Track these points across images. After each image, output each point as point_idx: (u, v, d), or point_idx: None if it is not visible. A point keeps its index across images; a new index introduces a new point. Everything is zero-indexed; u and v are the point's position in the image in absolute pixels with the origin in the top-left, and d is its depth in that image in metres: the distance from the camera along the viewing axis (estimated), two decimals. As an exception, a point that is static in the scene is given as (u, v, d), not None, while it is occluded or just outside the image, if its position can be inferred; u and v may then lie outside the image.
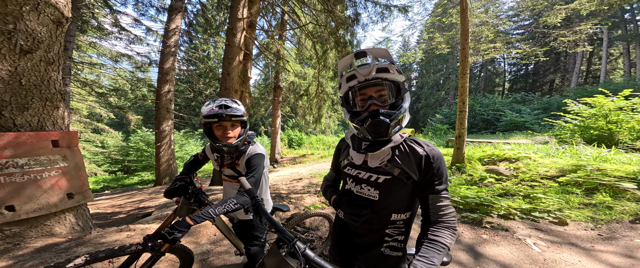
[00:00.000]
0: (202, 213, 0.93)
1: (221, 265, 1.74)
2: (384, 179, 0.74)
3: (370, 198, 0.77)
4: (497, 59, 25.08)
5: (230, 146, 1.12)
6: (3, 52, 1.81)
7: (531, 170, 3.37)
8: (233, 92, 4.19)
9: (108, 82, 11.73)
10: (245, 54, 4.54)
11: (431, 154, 0.71)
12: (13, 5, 1.80)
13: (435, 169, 0.70)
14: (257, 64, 10.18)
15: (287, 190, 4.09)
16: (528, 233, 2.15)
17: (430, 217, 0.71)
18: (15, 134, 1.88)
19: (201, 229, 2.21)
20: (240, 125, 1.18)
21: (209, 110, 1.08)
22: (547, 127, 9.83)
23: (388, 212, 0.77)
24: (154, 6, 8.56)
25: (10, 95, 1.87)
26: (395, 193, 0.75)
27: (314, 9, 5.61)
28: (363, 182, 0.78)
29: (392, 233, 0.78)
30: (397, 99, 0.72)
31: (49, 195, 2.04)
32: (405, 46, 31.89)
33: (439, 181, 0.71)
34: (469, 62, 4.36)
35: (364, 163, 0.78)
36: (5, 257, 1.66)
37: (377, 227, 0.79)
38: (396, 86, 0.73)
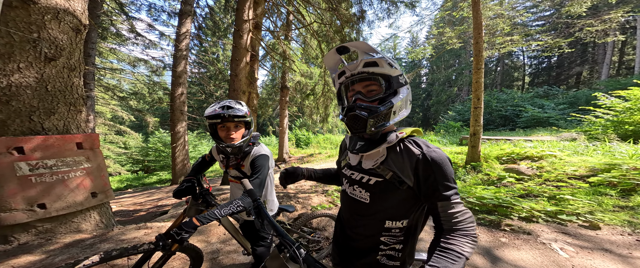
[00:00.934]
0: (209, 214, 0.95)
1: (230, 264, 1.77)
2: (375, 181, 0.69)
3: (362, 201, 0.74)
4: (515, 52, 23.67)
5: (233, 147, 1.12)
6: (30, 60, 1.94)
7: (557, 169, 3.13)
8: (241, 93, 4.26)
9: (128, 86, 12.40)
10: (252, 55, 4.60)
11: (430, 156, 0.63)
12: (36, 14, 1.93)
13: (436, 174, 0.62)
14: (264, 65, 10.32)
15: (295, 189, 4.10)
16: (553, 237, 1.99)
17: (443, 225, 0.64)
18: (43, 137, 2.02)
19: (211, 228, 2.27)
20: (244, 126, 1.19)
21: (212, 111, 1.09)
22: (575, 123, 9.15)
23: (381, 218, 0.71)
24: (166, 11, 8.90)
25: (38, 101, 2.01)
26: (387, 198, 0.70)
27: (318, 7, 5.57)
28: (355, 183, 0.75)
29: (387, 242, 0.72)
30: (386, 93, 0.67)
31: (75, 194, 2.18)
32: (414, 42, 30.98)
33: (445, 186, 0.63)
34: (484, 56, 4.13)
35: (359, 164, 0.75)
36: (39, 252, 1.79)
37: (371, 233, 0.74)
38: (386, 80, 0.67)
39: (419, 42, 30.42)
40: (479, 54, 4.06)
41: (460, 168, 4.15)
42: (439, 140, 10.75)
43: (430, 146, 0.66)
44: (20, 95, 1.93)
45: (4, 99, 1.87)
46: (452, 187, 0.63)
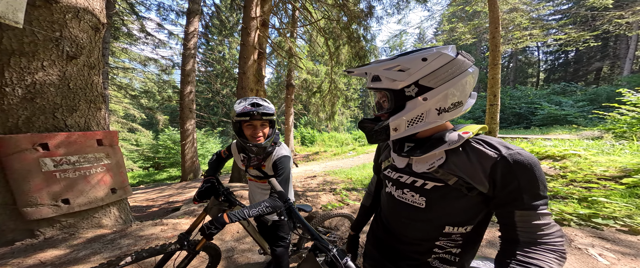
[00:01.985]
0: (238, 213, 0.94)
1: (245, 263, 1.77)
2: (433, 186, 0.62)
3: (415, 205, 0.67)
4: (530, 48, 22.74)
5: (259, 146, 1.11)
6: (53, 58, 1.98)
7: (583, 169, 2.97)
8: (249, 90, 4.26)
9: (139, 85, 12.72)
10: (260, 53, 4.59)
11: (512, 159, 0.52)
12: (58, 13, 1.96)
13: (521, 179, 0.52)
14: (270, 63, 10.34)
15: (302, 187, 4.09)
16: (590, 242, 1.85)
17: (519, 237, 0.55)
18: (67, 134, 2.07)
19: (226, 227, 2.28)
20: (269, 125, 1.17)
21: (243, 108, 1.07)
22: (596, 121, 8.73)
23: (440, 224, 0.65)
24: (174, 10, 9.04)
25: (61, 98, 2.05)
26: (449, 204, 0.62)
27: (325, 3, 5.49)
28: (405, 187, 0.68)
29: (444, 245, 0.67)
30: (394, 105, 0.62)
31: (96, 190, 2.23)
32: (421, 39, 30.30)
33: (532, 194, 0.52)
34: (500, 51, 3.97)
35: (408, 166, 0.68)
36: (64, 246, 1.85)
37: (426, 237, 0.68)
38: (392, 94, 0.61)
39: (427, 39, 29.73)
40: (496, 49, 3.90)
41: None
42: (450, 138, 10.48)
43: (510, 147, 0.56)
44: (44, 92, 1.98)
45: (29, 96, 1.92)
46: (542, 195, 0.53)
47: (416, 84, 0.58)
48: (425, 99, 0.58)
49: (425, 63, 0.56)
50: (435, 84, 0.57)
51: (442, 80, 0.57)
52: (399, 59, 0.58)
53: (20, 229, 1.92)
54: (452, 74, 0.57)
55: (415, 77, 0.57)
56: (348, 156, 9.47)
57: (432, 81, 0.57)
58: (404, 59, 0.58)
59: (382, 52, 27.79)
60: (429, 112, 0.59)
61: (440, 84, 0.57)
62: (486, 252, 1.88)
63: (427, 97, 0.58)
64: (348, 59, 6.07)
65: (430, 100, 0.58)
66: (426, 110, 0.59)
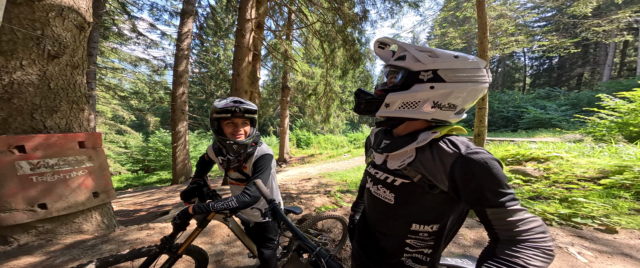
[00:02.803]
0: (203, 205, 0.96)
1: (234, 266, 1.74)
2: (401, 183, 0.65)
3: (386, 201, 0.70)
4: (517, 53, 23.67)
5: (240, 144, 1.08)
6: (33, 57, 1.91)
7: (565, 171, 3.09)
8: (243, 92, 4.23)
9: (129, 86, 12.39)
10: (254, 55, 4.58)
11: (469, 158, 0.54)
12: (40, 11, 1.90)
13: (480, 178, 0.53)
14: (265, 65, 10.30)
15: (297, 190, 4.07)
16: (570, 241, 1.93)
17: (498, 234, 0.55)
18: (45, 136, 1.99)
19: (216, 230, 2.23)
20: (250, 123, 1.16)
21: (224, 105, 1.05)
22: (578, 124, 9.12)
23: (407, 221, 0.68)
24: (168, 10, 8.91)
25: (40, 99, 1.98)
26: (414, 201, 0.64)
27: (321, 7, 5.56)
28: (379, 183, 0.71)
29: (414, 245, 0.69)
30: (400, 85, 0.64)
31: (77, 194, 2.14)
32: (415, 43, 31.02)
33: (493, 192, 0.53)
34: (489, 56, 4.11)
35: (384, 163, 0.71)
36: (39, 252, 1.76)
37: (396, 234, 0.70)
38: (406, 73, 0.63)
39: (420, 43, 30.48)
40: (484, 54, 4.03)
41: (464, 169, 4.10)
42: (441, 141, 10.70)
43: (470, 146, 0.57)
44: (23, 93, 1.90)
45: (6, 96, 1.84)
46: (505, 192, 0.53)
47: (434, 71, 0.59)
48: (432, 87, 0.60)
49: (455, 59, 0.59)
50: (449, 79, 0.59)
51: (457, 79, 0.59)
52: (436, 49, 0.62)
53: (-7, 236, 1.82)
54: (468, 77, 0.59)
55: (437, 65, 0.59)
56: (343, 158, 9.49)
57: (449, 75, 0.59)
58: (439, 51, 0.61)
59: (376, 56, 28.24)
60: (426, 102, 0.61)
61: (454, 81, 0.59)
62: (475, 253, 1.91)
63: (434, 86, 0.59)
64: (343, 61, 6.14)
65: (435, 91, 0.59)
66: (425, 99, 0.61)
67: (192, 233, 1.06)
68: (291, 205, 3.18)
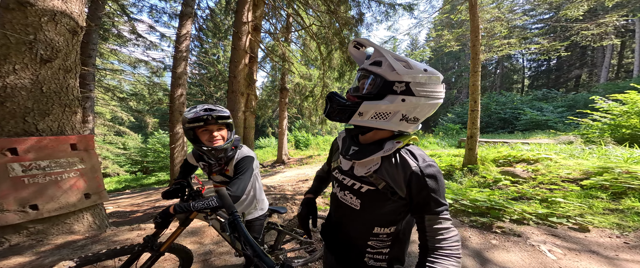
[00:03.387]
0: (185, 205, 0.98)
1: (222, 265, 1.77)
2: (367, 189, 0.69)
3: (352, 206, 0.74)
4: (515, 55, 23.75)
5: (219, 149, 1.09)
6: (25, 61, 1.95)
7: (552, 172, 3.14)
8: (239, 94, 4.27)
9: (128, 87, 12.44)
10: (251, 57, 4.62)
11: (425, 171, 0.61)
12: (33, 16, 1.95)
13: (430, 188, 0.61)
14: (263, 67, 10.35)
15: (293, 191, 4.10)
16: (543, 239, 2.01)
17: (428, 243, 0.62)
18: (37, 138, 2.03)
19: (205, 230, 2.26)
20: (226, 127, 1.17)
21: (194, 114, 1.05)
22: (573, 126, 9.17)
23: (370, 224, 0.72)
24: (167, 12, 8.97)
25: (32, 102, 2.02)
26: (378, 206, 0.69)
27: (317, 10, 5.62)
28: (346, 189, 0.75)
29: (375, 245, 0.74)
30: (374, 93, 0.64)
31: (68, 195, 2.18)
32: (414, 44, 31.15)
33: (436, 201, 0.61)
34: (481, 59, 4.16)
35: (351, 169, 0.74)
36: (30, 253, 1.79)
37: (359, 236, 0.75)
38: (380, 81, 0.63)
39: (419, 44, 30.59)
40: (476, 57, 4.09)
41: (457, 170, 4.15)
42: (438, 142, 10.77)
43: (426, 159, 0.64)
44: (15, 96, 1.94)
45: (-1, 100, 1.88)
46: (443, 203, 0.62)
47: (407, 84, 0.62)
48: (403, 100, 0.62)
49: (425, 73, 0.62)
50: (417, 93, 0.62)
51: (424, 94, 0.63)
52: (409, 58, 0.64)
53: (-16, 237, 1.85)
54: (432, 93, 0.64)
55: (410, 77, 0.62)
56: (340, 160, 9.47)
57: (418, 89, 0.62)
58: (412, 61, 0.64)
59: None
60: (396, 114, 0.64)
61: (421, 95, 0.63)
62: None
63: (405, 99, 0.62)
64: (340, 63, 6.21)
65: (405, 103, 0.63)
66: (396, 111, 0.64)
67: (174, 232, 1.10)
68: (284, 205, 3.21)
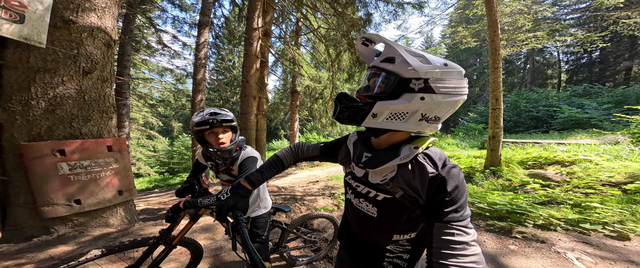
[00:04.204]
0: (192, 201, 1.06)
1: (230, 260, 1.86)
2: (384, 198, 0.64)
3: (369, 214, 0.70)
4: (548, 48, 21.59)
5: (224, 150, 1.18)
6: (71, 73, 2.25)
7: (590, 175, 2.80)
8: (252, 98, 4.44)
9: (157, 94, 13.59)
10: (262, 62, 4.80)
11: (443, 174, 0.55)
12: (75, 33, 2.24)
13: (446, 191, 0.54)
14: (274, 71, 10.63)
15: (303, 192, 4.15)
16: (571, 247, 1.82)
17: (432, 257, 0.53)
18: (81, 141, 2.31)
19: (218, 227, 2.39)
20: (231, 130, 1.25)
21: (201, 118, 1.15)
22: (621, 124, 8.09)
23: (389, 232, 0.69)
24: (187, 22, 9.73)
25: (77, 109, 2.31)
26: (396, 215, 0.65)
27: (325, 13, 5.68)
28: (361, 196, 0.71)
29: (394, 250, 0.71)
30: (387, 92, 0.58)
31: (105, 192, 2.45)
32: (428, 42, 29.86)
33: (451, 208, 0.53)
34: (502, 54, 3.89)
35: (365, 176, 0.69)
36: (73, 242, 2.04)
37: (378, 242, 0.73)
38: (395, 79, 0.57)
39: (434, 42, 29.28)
40: (496, 53, 3.83)
41: (477, 173, 3.89)
42: (458, 143, 10.16)
43: (446, 162, 0.58)
44: (64, 104, 2.24)
45: (51, 108, 2.18)
46: (460, 211, 0.53)
47: (425, 80, 0.55)
48: (422, 98, 0.56)
49: (444, 68, 0.56)
50: (438, 90, 0.56)
51: (445, 90, 0.56)
52: (425, 53, 0.57)
53: (38, 226, 2.15)
54: (455, 89, 0.57)
55: (429, 74, 0.55)
56: (353, 161, 9.37)
57: (438, 85, 0.55)
58: (430, 56, 0.57)
59: None
60: (415, 113, 0.57)
61: (442, 92, 0.56)
62: None
63: (424, 97, 0.56)
64: (349, 64, 6.21)
65: (425, 102, 0.56)
66: (414, 111, 0.57)
67: (185, 227, 1.20)
68: (293, 206, 3.27)
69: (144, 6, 8.75)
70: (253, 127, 4.53)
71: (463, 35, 6.36)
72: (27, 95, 2.09)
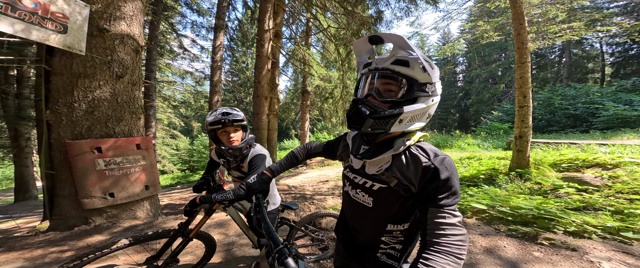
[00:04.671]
0: (207, 197, 1.13)
1: (241, 255, 1.94)
2: (379, 187, 0.68)
3: (364, 205, 0.74)
4: (587, 39, 19.34)
5: (235, 148, 1.25)
6: (106, 78, 2.48)
7: (637, 179, 2.47)
8: (263, 98, 4.55)
9: (179, 96, 14.51)
10: (273, 63, 4.89)
11: (437, 165, 0.58)
12: (109, 40, 2.46)
13: (440, 180, 0.58)
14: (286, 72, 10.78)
15: (313, 191, 4.17)
16: (607, 256, 1.62)
17: (426, 237, 0.59)
18: (114, 139, 2.54)
19: (231, 223, 2.48)
20: (241, 129, 1.31)
21: (214, 118, 1.22)
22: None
23: (383, 222, 0.72)
24: (204, 26, 10.31)
25: (111, 111, 2.54)
26: (390, 204, 0.69)
27: (335, 12, 5.63)
28: (358, 187, 0.75)
29: (388, 242, 0.74)
30: (404, 98, 0.60)
31: (134, 186, 2.66)
32: (446, 38, 28.32)
33: (444, 194, 0.58)
34: (530, 48, 3.58)
35: (362, 168, 0.74)
36: (106, 233, 2.24)
37: (373, 233, 0.75)
38: (410, 84, 0.60)
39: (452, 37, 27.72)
40: (522, 47, 3.54)
41: (501, 175, 3.62)
42: (479, 144, 9.53)
43: (438, 154, 0.62)
44: (100, 106, 2.47)
45: (90, 110, 2.43)
46: (452, 197, 0.58)
47: (434, 84, 0.62)
48: (433, 100, 0.63)
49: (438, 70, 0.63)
50: (438, 91, 0.64)
51: (440, 91, 0.65)
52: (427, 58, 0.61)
53: (79, 217, 2.40)
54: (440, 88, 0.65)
55: (435, 78, 0.62)
56: (365, 161, 9.21)
57: (437, 87, 0.63)
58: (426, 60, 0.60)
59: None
60: (425, 114, 0.63)
61: (439, 93, 0.65)
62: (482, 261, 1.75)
63: (434, 99, 0.63)
64: (359, 64, 6.10)
65: (434, 103, 0.64)
66: (425, 112, 0.63)
67: (200, 221, 1.27)
68: (303, 204, 3.30)
69: (166, 12, 9.37)
70: (265, 127, 4.64)
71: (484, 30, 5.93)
72: (70, 98, 2.34)
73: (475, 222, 2.33)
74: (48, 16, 2.05)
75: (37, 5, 1.98)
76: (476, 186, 3.56)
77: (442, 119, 27.40)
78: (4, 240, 2.17)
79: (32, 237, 2.18)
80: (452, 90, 28.13)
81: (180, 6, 9.94)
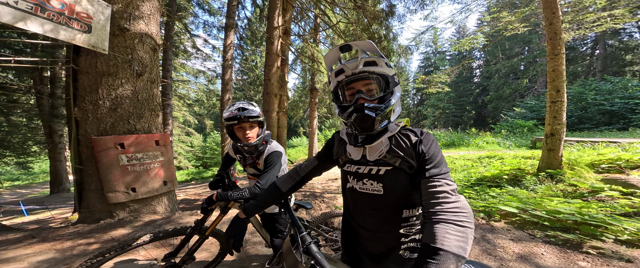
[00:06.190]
0: (223, 194, 1.13)
1: (254, 254, 1.94)
2: (386, 170, 0.70)
3: (375, 193, 0.72)
4: (626, 29, 17.58)
5: (250, 145, 1.22)
6: (128, 76, 2.54)
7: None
8: (273, 96, 4.52)
9: (193, 95, 14.98)
10: (282, 60, 4.83)
11: (422, 139, 0.69)
12: (129, 39, 2.52)
13: (426, 153, 0.66)
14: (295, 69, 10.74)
15: (322, 189, 4.12)
16: None
17: (424, 210, 0.62)
18: (136, 136, 2.61)
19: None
20: (258, 125, 1.27)
21: (230, 113, 1.20)
22: None
23: (397, 208, 0.72)
24: (215, 26, 10.51)
25: (133, 108, 2.61)
26: (399, 185, 0.70)
27: (345, 8, 5.46)
28: (364, 177, 0.74)
29: (407, 233, 0.72)
30: (385, 92, 0.70)
31: (154, 181, 2.73)
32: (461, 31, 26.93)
33: (432, 164, 0.65)
34: (563, 39, 3.25)
35: (363, 157, 0.75)
36: (128, 226, 2.32)
37: (390, 227, 0.73)
38: (385, 80, 0.70)
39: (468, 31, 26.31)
40: (555, 37, 3.23)
41: (528, 176, 3.36)
42: (500, 142, 8.98)
43: (423, 131, 0.72)
44: (122, 104, 2.55)
45: (113, 107, 2.50)
46: (440, 167, 0.65)
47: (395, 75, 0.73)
48: (398, 89, 0.72)
49: None
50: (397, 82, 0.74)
51: None
52: None
53: (105, 210, 2.50)
54: None
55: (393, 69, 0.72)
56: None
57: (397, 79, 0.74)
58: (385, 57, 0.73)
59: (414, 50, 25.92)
60: (398, 101, 0.72)
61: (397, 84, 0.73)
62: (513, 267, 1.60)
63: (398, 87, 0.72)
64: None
65: (399, 90, 0.72)
66: (398, 99, 0.72)
67: (216, 219, 1.25)
68: (312, 202, 3.26)
69: (180, 13, 9.62)
70: (274, 124, 4.62)
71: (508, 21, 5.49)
72: (96, 96, 2.42)
73: (504, 226, 2.17)
74: (74, 16, 2.12)
75: (63, 6, 2.05)
76: (498, 187, 3.34)
77: (456, 116, 26.12)
78: (39, 231, 2.30)
79: (64, 229, 2.29)
80: (467, 87, 26.81)
81: (192, 6, 10.18)
